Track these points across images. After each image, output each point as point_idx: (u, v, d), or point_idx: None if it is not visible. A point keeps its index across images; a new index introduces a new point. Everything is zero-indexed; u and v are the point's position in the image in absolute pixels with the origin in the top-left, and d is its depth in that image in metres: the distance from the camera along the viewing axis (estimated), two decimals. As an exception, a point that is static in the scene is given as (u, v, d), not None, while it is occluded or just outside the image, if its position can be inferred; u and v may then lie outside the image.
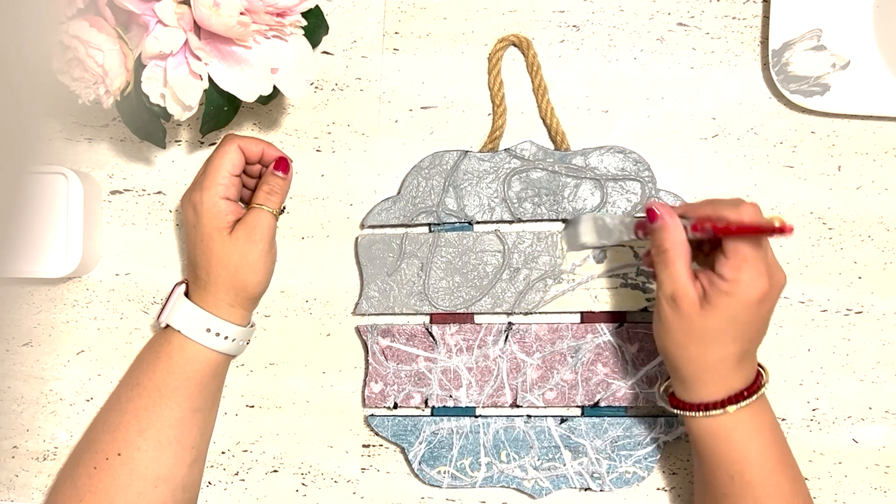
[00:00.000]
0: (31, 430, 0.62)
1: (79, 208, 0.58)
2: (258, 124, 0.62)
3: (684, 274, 0.48)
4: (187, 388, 0.54)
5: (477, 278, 0.59)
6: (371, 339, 0.60)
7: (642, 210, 0.58)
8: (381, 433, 0.59)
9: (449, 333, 0.59)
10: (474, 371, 0.59)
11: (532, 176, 0.59)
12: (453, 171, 0.59)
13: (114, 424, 0.55)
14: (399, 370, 0.59)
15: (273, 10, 0.51)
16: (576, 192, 0.59)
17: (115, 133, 0.63)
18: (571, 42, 0.61)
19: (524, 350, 0.59)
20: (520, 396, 0.59)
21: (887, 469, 0.59)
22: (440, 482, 0.59)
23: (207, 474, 0.61)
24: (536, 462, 0.59)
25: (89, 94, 0.51)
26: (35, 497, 0.62)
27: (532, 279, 0.59)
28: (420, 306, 0.59)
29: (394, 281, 0.60)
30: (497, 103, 0.60)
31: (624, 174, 0.59)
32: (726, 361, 0.48)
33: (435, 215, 0.60)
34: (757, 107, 0.60)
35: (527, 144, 0.59)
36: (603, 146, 0.59)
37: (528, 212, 0.59)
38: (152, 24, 0.50)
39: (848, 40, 0.58)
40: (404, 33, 0.61)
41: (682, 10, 0.60)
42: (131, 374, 0.57)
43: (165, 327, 0.55)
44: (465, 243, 0.59)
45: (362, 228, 0.61)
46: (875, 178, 0.59)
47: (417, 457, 0.59)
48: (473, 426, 0.59)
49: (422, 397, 0.59)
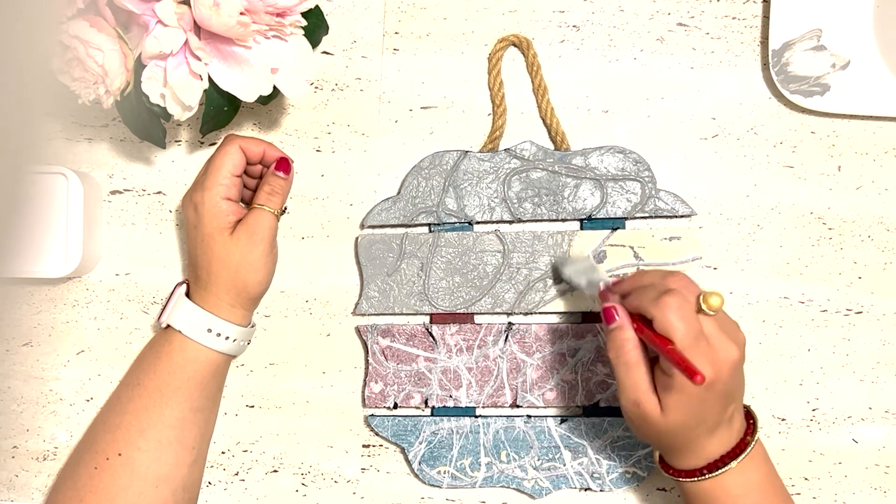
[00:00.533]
0: (31, 430, 0.62)
1: (79, 208, 0.58)
2: (258, 124, 0.62)
3: (644, 380, 0.47)
4: (188, 389, 0.54)
5: (477, 278, 0.59)
6: (371, 339, 0.60)
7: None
8: (381, 433, 0.59)
9: (449, 333, 0.59)
10: (474, 371, 0.59)
11: (532, 176, 0.59)
12: (453, 172, 0.59)
13: (114, 425, 0.55)
14: (399, 370, 0.59)
15: (273, 10, 0.51)
16: (576, 193, 0.59)
17: (115, 133, 0.63)
18: (571, 42, 0.61)
19: (524, 350, 0.59)
20: (520, 396, 0.59)
21: (887, 469, 0.59)
22: (440, 482, 0.59)
23: (207, 474, 0.61)
24: (536, 462, 0.59)
25: (89, 94, 0.51)
26: (35, 497, 0.62)
27: (532, 279, 0.59)
28: (420, 306, 0.59)
29: (394, 281, 0.60)
30: (497, 103, 0.60)
31: (624, 174, 0.59)
32: (706, 433, 0.48)
33: (435, 215, 0.60)
34: (757, 107, 0.60)
35: (527, 144, 0.59)
36: (603, 146, 0.59)
37: (528, 212, 0.59)
38: (152, 24, 0.50)
39: (848, 40, 0.58)
40: (404, 33, 0.61)
41: (682, 10, 0.60)
42: (131, 374, 0.57)
43: (166, 327, 0.55)
44: (465, 243, 0.59)
45: (362, 228, 0.61)
46: (875, 178, 0.59)
47: (417, 457, 0.59)
48: (473, 426, 0.59)
49: (422, 397, 0.59)
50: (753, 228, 0.60)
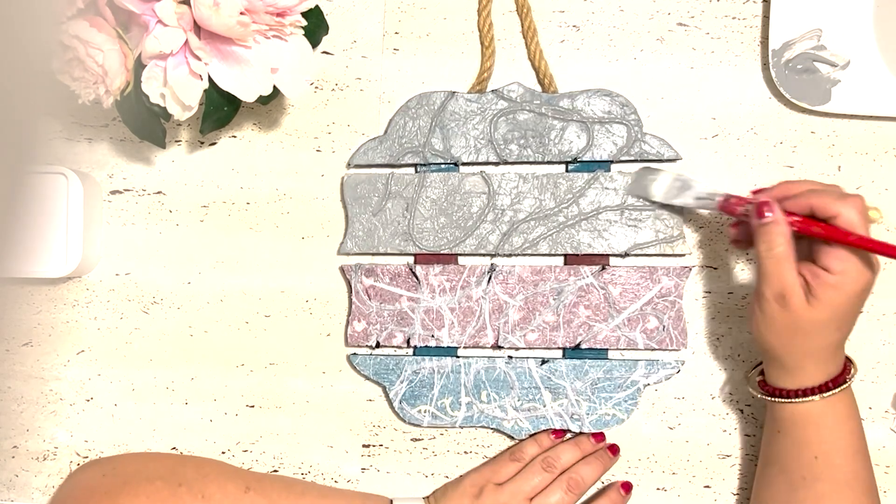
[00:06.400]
0: (31, 430, 0.62)
1: (79, 208, 0.58)
2: (258, 124, 0.62)
3: (793, 273, 0.48)
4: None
5: (462, 219, 0.59)
6: (355, 278, 0.60)
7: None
8: (363, 372, 0.60)
9: (432, 274, 0.59)
10: (457, 312, 0.59)
11: (519, 118, 0.59)
12: (440, 112, 0.60)
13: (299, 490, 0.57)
14: (382, 309, 0.60)
15: (273, 10, 0.51)
16: (562, 135, 0.59)
17: (115, 133, 0.63)
18: (571, 42, 0.61)
19: (507, 291, 0.59)
20: (501, 337, 0.59)
21: (887, 469, 0.59)
22: (420, 420, 0.59)
23: (207, 474, 0.61)
24: (517, 403, 0.59)
25: (89, 94, 0.51)
26: (35, 497, 0.62)
27: (517, 221, 0.59)
28: (404, 246, 0.60)
29: (379, 221, 0.60)
30: (486, 44, 0.60)
31: (610, 117, 0.59)
32: (828, 349, 0.50)
33: (421, 156, 0.60)
34: (757, 107, 0.60)
35: (514, 86, 0.60)
36: (589, 89, 0.59)
37: (514, 153, 0.59)
38: (152, 24, 0.50)
39: (848, 40, 0.58)
40: (404, 33, 0.61)
41: (682, 10, 0.60)
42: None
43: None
44: (451, 184, 0.60)
45: (348, 168, 0.61)
46: (875, 178, 0.59)
47: (398, 396, 0.59)
48: (455, 366, 0.59)
49: (404, 337, 0.60)
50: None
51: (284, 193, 0.62)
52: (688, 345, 0.59)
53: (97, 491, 0.55)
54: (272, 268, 0.62)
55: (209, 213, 0.62)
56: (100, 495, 0.54)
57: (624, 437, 0.59)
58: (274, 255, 0.62)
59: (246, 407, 0.62)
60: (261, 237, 0.62)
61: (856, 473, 0.51)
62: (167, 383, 0.62)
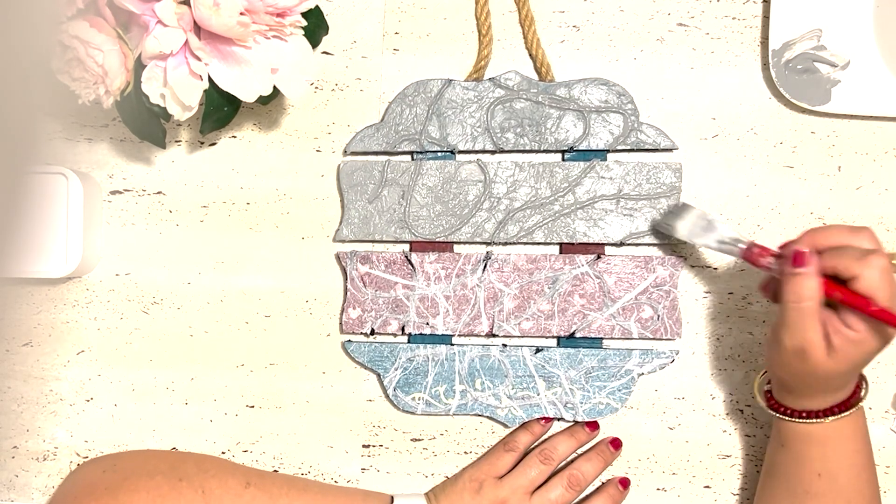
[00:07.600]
0: (31, 430, 0.62)
1: (79, 208, 0.58)
2: (258, 124, 0.62)
3: (816, 328, 0.47)
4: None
5: (457, 207, 0.59)
6: (350, 265, 0.60)
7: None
8: (358, 359, 0.60)
9: (428, 261, 0.60)
10: (452, 299, 0.59)
11: (516, 106, 0.59)
12: (437, 100, 0.60)
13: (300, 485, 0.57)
14: (377, 297, 0.60)
15: (273, 10, 0.51)
16: (559, 123, 0.59)
17: (115, 133, 0.63)
18: (571, 42, 0.61)
19: (502, 280, 0.59)
20: (496, 325, 0.59)
21: (887, 469, 0.59)
22: (414, 408, 0.59)
23: (207, 474, 0.61)
24: (510, 391, 0.59)
25: (89, 94, 0.51)
26: (35, 497, 0.62)
27: (512, 209, 0.59)
28: (400, 234, 0.60)
29: (374, 208, 0.60)
30: (483, 32, 0.60)
31: (607, 106, 0.59)
32: (838, 384, 0.49)
33: (417, 143, 0.60)
34: (757, 107, 0.60)
35: (511, 74, 0.60)
36: (587, 78, 0.59)
37: (510, 142, 0.59)
38: (152, 24, 0.50)
39: (848, 40, 0.58)
40: (404, 33, 0.61)
41: (682, 10, 0.60)
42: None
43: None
44: (447, 172, 0.60)
45: (345, 155, 0.61)
46: (875, 178, 0.59)
47: (393, 383, 0.59)
48: (449, 354, 0.59)
49: (399, 324, 0.60)
50: (753, 228, 0.60)
51: (284, 193, 0.62)
52: (682, 334, 0.59)
53: (98, 487, 0.55)
54: (272, 268, 0.62)
55: (209, 214, 0.62)
56: (100, 491, 0.54)
57: (624, 437, 0.59)
58: (274, 255, 0.62)
59: (246, 407, 0.62)
60: (261, 237, 0.62)
61: (859, 491, 0.50)
62: (167, 383, 0.62)
